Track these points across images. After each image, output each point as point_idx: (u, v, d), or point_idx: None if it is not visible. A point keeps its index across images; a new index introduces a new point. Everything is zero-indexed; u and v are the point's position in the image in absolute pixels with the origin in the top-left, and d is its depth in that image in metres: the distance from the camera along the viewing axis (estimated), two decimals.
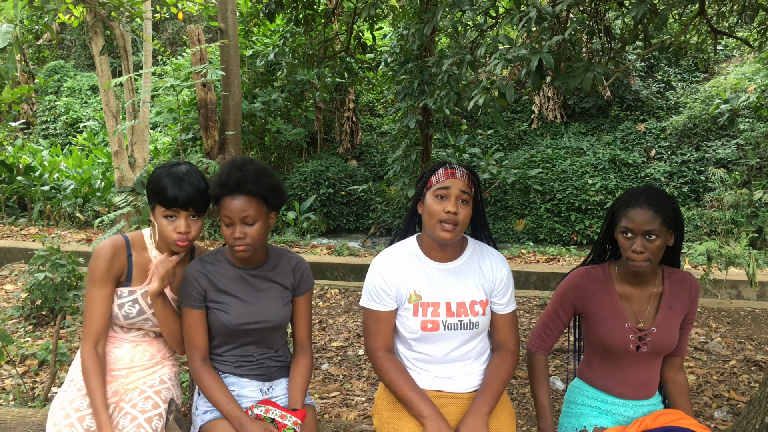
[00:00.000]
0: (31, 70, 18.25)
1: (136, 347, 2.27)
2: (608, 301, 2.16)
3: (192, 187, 2.12)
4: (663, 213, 2.01)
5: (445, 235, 2.04)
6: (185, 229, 2.14)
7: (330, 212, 12.47)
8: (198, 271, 2.17)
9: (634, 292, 2.17)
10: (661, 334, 2.12)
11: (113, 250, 2.16)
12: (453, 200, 2.04)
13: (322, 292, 6.41)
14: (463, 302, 2.15)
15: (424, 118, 7.48)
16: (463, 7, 3.60)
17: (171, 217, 2.14)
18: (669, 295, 2.16)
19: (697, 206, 10.56)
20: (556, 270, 6.84)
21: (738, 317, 5.39)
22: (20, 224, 10.14)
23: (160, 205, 2.13)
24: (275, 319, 2.22)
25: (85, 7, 8.49)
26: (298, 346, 2.35)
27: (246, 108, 11.98)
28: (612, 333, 2.13)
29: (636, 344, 2.12)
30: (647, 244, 2.01)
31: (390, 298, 2.16)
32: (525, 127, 13.40)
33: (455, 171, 2.09)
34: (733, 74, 12.36)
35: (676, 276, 2.19)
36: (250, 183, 2.07)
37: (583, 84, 2.85)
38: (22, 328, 5.16)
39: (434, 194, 2.07)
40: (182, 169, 2.15)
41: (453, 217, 2.03)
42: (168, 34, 19.54)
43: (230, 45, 7.84)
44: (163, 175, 2.13)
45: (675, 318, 2.15)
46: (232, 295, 2.18)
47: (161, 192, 2.11)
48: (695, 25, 4.97)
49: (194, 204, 2.13)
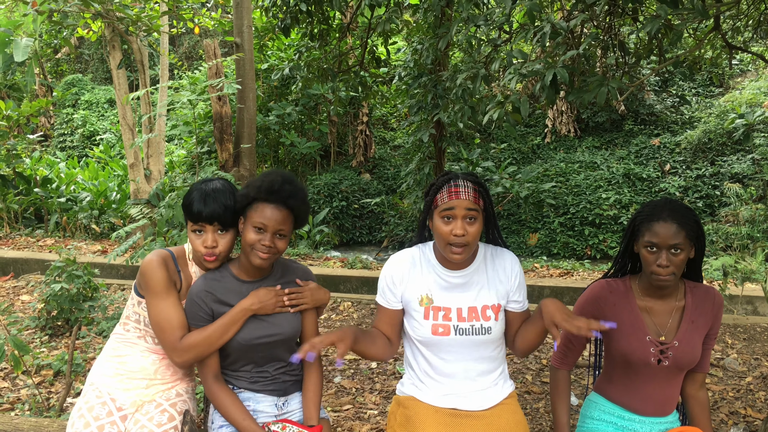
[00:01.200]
0: (49, 84, 18.50)
1: (162, 360, 2.29)
2: (629, 314, 2.15)
3: (217, 203, 2.15)
4: (687, 226, 2.00)
5: (455, 257, 2.04)
6: (211, 243, 2.16)
7: (343, 225, 12.49)
8: (203, 290, 2.16)
9: (655, 305, 2.15)
10: (683, 349, 2.10)
11: (163, 261, 2.18)
12: (459, 222, 2.02)
13: (334, 305, 6.41)
14: (475, 307, 2.14)
15: (438, 132, 7.50)
16: (477, 23, 3.62)
17: (199, 231, 2.18)
18: (692, 309, 2.14)
19: (713, 221, 10.48)
20: (570, 284, 6.80)
21: (754, 333, 5.33)
22: (37, 235, 10.24)
23: (189, 220, 2.18)
24: (287, 331, 2.22)
25: (103, 22, 8.63)
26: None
27: (260, 121, 12.07)
28: (633, 346, 2.12)
29: (657, 357, 2.10)
30: (672, 258, 2.00)
31: (395, 299, 2.18)
32: (538, 141, 13.38)
33: (459, 190, 2.04)
34: (748, 89, 12.30)
35: (698, 290, 2.18)
36: (299, 201, 2.14)
37: (597, 98, 2.85)
38: (37, 338, 5.21)
39: (440, 215, 2.05)
40: (212, 185, 2.19)
41: (461, 239, 2.01)
42: (184, 48, 19.77)
43: (245, 59, 7.92)
44: (194, 190, 2.19)
45: (698, 332, 2.13)
46: None
47: (189, 206, 2.17)
48: (710, 39, 4.97)
49: (219, 219, 2.15)
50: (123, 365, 2.26)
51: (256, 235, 2.09)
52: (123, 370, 2.25)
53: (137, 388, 2.25)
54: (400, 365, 4.64)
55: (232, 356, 2.20)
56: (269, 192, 2.09)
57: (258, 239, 2.09)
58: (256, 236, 2.09)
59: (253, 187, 2.13)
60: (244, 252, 2.15)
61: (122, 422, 2.18)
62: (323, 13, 5.79)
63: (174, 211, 4.82)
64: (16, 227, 10.97)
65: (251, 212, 2.11)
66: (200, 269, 2.27)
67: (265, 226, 2.09)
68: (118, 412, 2.20)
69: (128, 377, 2.25)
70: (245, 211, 2.14)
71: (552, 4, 5.52)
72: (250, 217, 2.11)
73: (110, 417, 2.17)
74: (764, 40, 4.92)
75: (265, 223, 2.08)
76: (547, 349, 5.06)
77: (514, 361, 4.78)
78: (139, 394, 2.25)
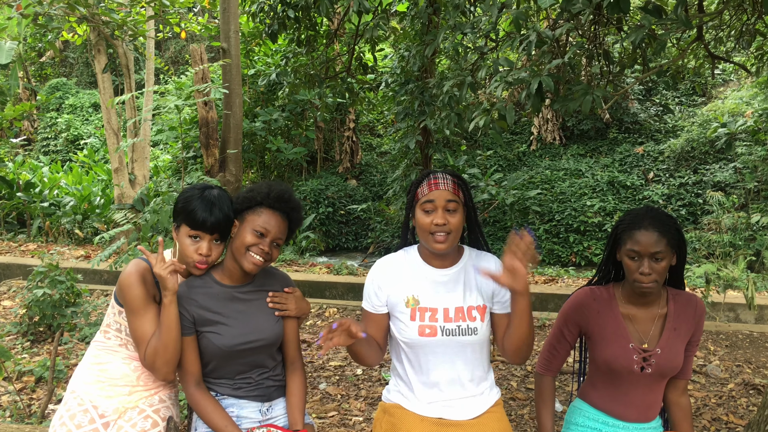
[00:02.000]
0: (33, 87, 18.35)
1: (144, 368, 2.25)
2: (612, 321, 2.16)
3: (222, 213, 2.14)
4: (668, 234, 2.02)
5: (438, 246, 2.06)
6: (207, 252, 2.15)
7: (329, 231, 12.48)
8: (187, 297, 2.15)
9: (638, 312, 2.17)
10: (665, 356, 2.12)
11: (141, 275, 2.14)
12: (440, 212, 2.06)
13: (320, 311, 6.40)
14: (461, 307, 2.14)
15: (424, 139, 7.52)
16: (464, 30, 3.64)
17: (195, 237, 2.15)
18: (674, 316, 2.16)
19: (695, 229, 10.58)
20: (555, 291, 6.84)
21: (736, 340, 5.39)
22: (19, 240, 10.14)
23: (186, 225, 2.15)
24: (269, 336, 2.21)
25: (89, 25, 8.58)
26: (290, 363, 2.34)
27: (247, 127, 12.04)
28: (616, 353, 2.13)
29: (640, 365, 2.12)
30: (654, 266, 2.01)
31: (380, 303, 2.18)
32: (524, 148, 13.46)
33: (438, 181, 2.10)
34: (730, 98, 12.46)
35: (681, 297, 2.19)
36: (299, 216, 2.20)
37: (582, 107, 2.88)
38: (19, 344, 5.15)
39: (421, 208, 2.09)
40: (214, 193, 2.17)
41: (442, 228, 2.05)
42: (170, 52, 19.69)
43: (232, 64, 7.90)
44: (196, 197, 2.15)
45: (680, 339, 2.15)
46: (224, 317, 2.16)
47: (191, 213, 2.13)
48: (693, 49, 5.03)
49: (220, 230, 2.15)
50: (104, 372, 2.23)
51: (255, 239, 2.10)
52: (104, 378, 2.22)
53: (119, 395, 2.22)
54: (386, 372, 4.63)
55: (213, 363, 2.18)
56: (278, 200, 2.13)
57: (257, 242, 2.10)
58: (255, 240, 2.10)
59: (259, 192, 2.14)
60: (235, 255, 2.13)
61: (105, 429, 2.16)
62: (310, 19, 5.79)
63: (159, 216, 4.79)
64: None
65: (253, 216, 2.12)
66: (181, 275, 2.24)
67: (267, 232, 2.10)
68: (101, 419, 2.17)
69: (110, 384, 2.22)
70: (243, 214, 2.15)
71: (538, 13, 5.56)
72: (252, 220, 2.12)
73: (92, 424, 2.15)
74: (746, 50, 4.99)
75: (268, 229, 2.11)
76: (532, 356, 5.08)
77: (499, 368, 4.79)
78: (121, 401, 2.23)
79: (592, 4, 2.72)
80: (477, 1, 4.12)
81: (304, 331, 5.79)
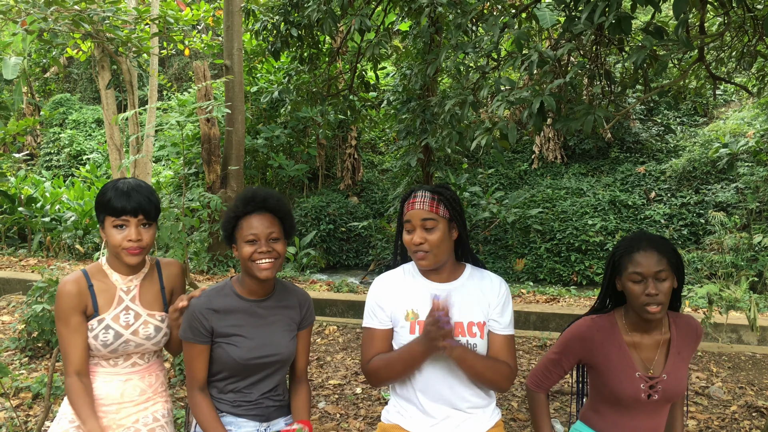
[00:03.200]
0: (37, 103, 18.44)
1: (126, 382, 2.24)
2: (617, 351, 2.13)
3: (140, 194, 2.15)
4: (667, 254, 2.02)
5: (421, 263, 2.13)
6: (136, 237, 2.14)
7: (330, 248, 12.45)
8: (206, 308, 2.15)
9: (642, 339, 2.14)
10: (671, 382, 2.10)
11: (72, 286, 2.15)
12: (417, 231, 2.10)
13: (320, 328, 6.36)
14: (461, 322, 2.13)
15: (426, 157, 7.53)
16: (465, 50, 3.66)
17: (121, 226, 2.14)
18: (677, 340, 2.14)
19: (697, 249, 10.55)
20: (556, 311, 6.80)
21: (739, 362, 5.34)
22: (20, 255, 10.13)
23: (109, 216, 2.13)
24: (284, 353, 2.22)
25: (93, 42, 8.64)
26: (297, 377, 2.36)
27: (249, 143, 12.08)
28: (623, 384, 2.10)
29: (647, 393, 2.09)
30: (659, 286, 1.99)
31: (385, 316, 2.17)
32: (525, 167, 13.47)
33: (415, 201, 2.13)
34: (732, 119, 12.49)
35: (681, 321, 2.18)
36: (276, 200, 2.18)
37: (583, 126, 2.88)
38: (17, 360, 5.12)
39: (405, 227, 2.16)
40: (129, 181, 2.19)
41: (419, 247, 2.10)
42: (174, 69, 19.80)
43: (235, 81, 7.94)
44: (110, 188, 2.16)
45: (684, 363, 2.13)
46: (242, 330, 2.16)
47: (109, 202, 2.12)
48: (694, 70, 5.05)
49: (144, 210, 2.15)
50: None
51: (251, 247, 2.11)
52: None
53: (108, 413, 2.20)
54: (385, 391, 4.59)
55: (224, 373, 2.19)
56: (246, 203, 2.14)
57: (253, 250, 2.10)
58: (251, 248, 2.11)
59: (234, 211, 2.16)
60: (247, 271, 2.16)
61: None
62: (313, 37, 5.83)
63: (160, 232, 4.79)
64: None
65: (239, 232, 2.14)
66: (122, 275, 2.24)
67: (256, 236, 2.11)
68: None
69: (99, 403, 2.19)
70: (233, 236, 2.17)
71: (540, 33, 5.59)
72: (240, 236, 2.13)
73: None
74: (747, 71, 5.00)
75: (255, 232, 2.11)
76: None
77: None
78: (111, 419, 2.21)
79: (594, 25, 2.73)
80: (479, 21, 4.14)
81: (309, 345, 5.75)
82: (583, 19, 2.77)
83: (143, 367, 2.28)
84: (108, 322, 2.17)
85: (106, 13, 7.99)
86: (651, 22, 2.79)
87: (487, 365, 2.09)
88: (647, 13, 11.24)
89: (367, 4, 5.71)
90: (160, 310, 2.28)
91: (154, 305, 2.26)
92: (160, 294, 2.30)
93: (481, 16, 3.99)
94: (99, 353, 2.18)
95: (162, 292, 2.31)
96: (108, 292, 2.21)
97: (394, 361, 2.10)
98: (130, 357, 2.24)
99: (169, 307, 2.29)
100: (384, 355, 2.14)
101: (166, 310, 2.29)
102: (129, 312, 2.20)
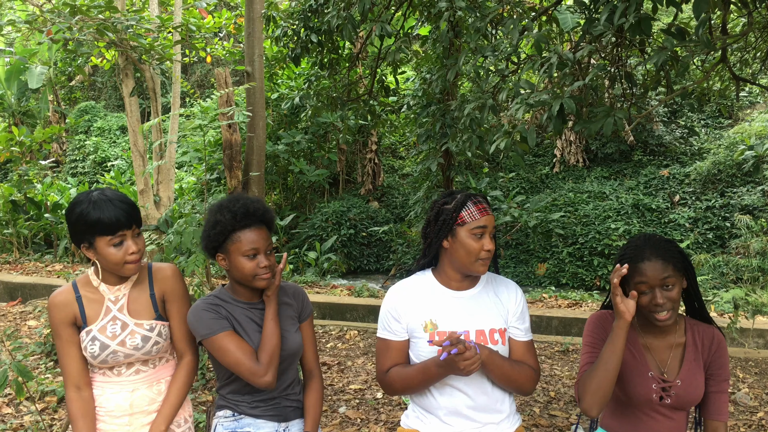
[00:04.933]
0: (62, 110, 18.74)
1: (133, 392, 2.20)
2: (630, 350, 2.11)
3: (124, 202, 2.10)
4: (672, 259, 1.97)
5: (483, 269, 2.10)
6: (137, 248, 2.12)
7: (351, 253, 12.47)
8: (209, 303, 2.16)
9: (655, 341, 2.12)
10: (686, 387, 2.06)
11: (60, 299, 2.15)
12: (488, 237, 2.07)
13: (341, 333, 6.37)
14: (483, 330, 2.11)
15: (446, 161, 7.52)
16: (485, 53, 3.65)
17: (120, 243, 2.09)
18: (692, 346, 2.10)
19: (723, 253, 10.39)
20: (579, 315, 6.74)
21: (766, 367, 5.25)
22: (46, 261, 10.28)
23: (104, 236, 2.06)
24: (292, 347, 2.21)
25: (117, 50, 8.76)
26: (307, 371, 2.37)
27: (270, 149, 12.15)
28: (635, 382, 2.08)
29: (659, 394, 2.06)
30: (667, 294, 1.97)
31: (401, 328, 2.15)
32: (547, 170, 13.38)
33: (486, 207, 2.11)
34: (757, 121, 12.29)
35: (699, 327, 2.13)
36: (271, 215, 2.17)
37: (603, 129, 2.85)
38: (43, 364, 5.20)
39: (471, 232, 2.06)
40: (99, 194, 2.09)
41: (489, 254, 2.08)
42: (196, 76, 20.01)
43: (256, 87, 8.00)
44: (88, 208, 2.05)
45: (700, 371, 2.09)
46: (245, 332, 2.16)
47: (99, 222, 2.04)
48: (717, 71, 4.98)
49: (135, 219, 2.12)
50: (100, 408, 2.20)
51: (251, 262, 2.09)
52: (102, 413, 2.19)
53: (121, 426, 2.20)
54: (406, 396, 4.58)
55: (234, 377, 2.18)
56: (246, 215, 2.10)
57: (256, 264, 2.09)
58: (252, 263, 2.09)
59: (224, 221, 2.10)
60: (245, 282, 2.14)
61: None
62: (333, 43, 5.85)
63: (182, 237, 4.83)
64: (26, 252, 11.03)
65: (235, 244, 2.09)
66: (109, 285, 2.20)
67: (257, 249, 2.10)
68: None
69: (109, 416, 2.19)
70: (224, 246, 2.12)
71: (560, 36, 5.56)
72: (237, 248, 2.09)
73: None
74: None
75: (257, 246, 2.09)
76: (555, 381, 4.99)
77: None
78: (125, 431, 2.21)
79: (614, 27, 2.71)
80: (498, 25, 4.13)
81: (324, 353, 5.76)
82: (602, 20, 2.75)
83: (148, 374, 2.24)
84: (95, 333, 2.13)
85: (130, 21, 8.11)
86: (673, 23, 2.76)
87: (513, 367, 2.09)
88: (669, 15, 11.13)
89: (387, 10, 5.72)
90: (150, 318, 2.20)
91: (142, 314, 2.20)
92: (150, 301, 2.23)
93: (500, 20, 3.97)
94: (94, 364, 2.17)
95: (152, 299, 2.23)
96: (96, 303, 2.18)
97: (411, 377, 2.08)
98: (132, 365, 2.21)
99: (160, 313, 2.23)
100: (401, 370, 2.12)
101: (158, 316, 2.22)
102: (116, 322, 2.16)
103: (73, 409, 2.13)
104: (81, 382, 2.15)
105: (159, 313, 2.23)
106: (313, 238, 12.20)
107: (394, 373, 2.13)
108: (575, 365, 5.40)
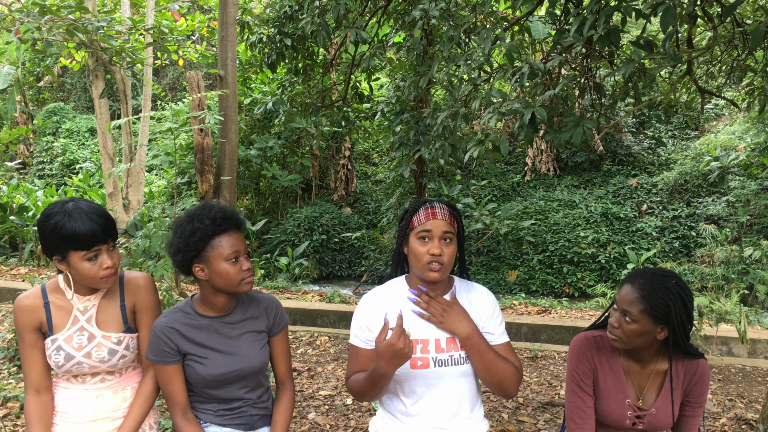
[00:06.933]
0: (30, 111, 18.41)
1: (97, 399, 2.16)
2: (612, 374, 2.14)
3: (100, 216, 2.01)
4: (649, 303, 1.97)
5: (433, 275, 2.05)
6: (112, 263, 2.05)
7: (323, 259, 12.44)
8: (167, 326, 2.09)
9: (633, 366, 2.15)
10: (659, 416, 2.10)
11: (28, 302, 2.09)
12: (436, 242, 2.04)
13: (311, 339, 6.35)
14: (453, 337, 2.11)
15: (419, 168, 7.55)
16: (458, 62, 3.68)
17: (94, 257, 2.02)
18: (675, 375, 2.10)
19: (688, 261, 10.60)
20: (548, 322, 6.81)
21: (729, 374, 5.36)
22: (10, 264, 10.08)
23: (78, 251, 1.99)
24: (255, 365, 2.17)
25: (87, 51, 8.64)
26: (279, 383, 2.32)
27: (242, 154, 12.08)
28: (612, 407, 2.11)
29: (633, 421, 2.10)
30: (622, 322, 2.01)
31: (372, 337, 2.13)
32: (518, 178, 13.53)
33: (436, 211, 2.08)
34: (723, 133, 12.58)
35: (685, 361, 2.12)
36: (241, 216, 2.15)
37: (573, 138, 2.90)
38: (6, 369, 5.09)
39: (417, 236, 2.07)
40: (73, 205, 2.01)
41: (438, 258, 2.03)
42: (168, 79, 19.82)
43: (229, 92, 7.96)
44: (63, 220, 1.97)
45: (678, 398, 2.12)
46: (208, 347, 2.11)
47: (74, 236, 1.96)
48: (684, 84, 5.09)
49: (111, 233, 2.05)
50: (62, 414, 2.15)
51: (234, 267, 2.06)
52: (65, 418, 2.15)
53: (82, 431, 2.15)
54: (376, 402, 4.58)
55: (196, 390, 2.15)
56: (225, 220, 2.07)
57: (239, 268, 2.07)
58: (235, 267, 2.06)
59: (203, 226, 2.05)
60: (226, 290, 2.10)
61: None
62: (307, 48, 5.86)
63: (151, 241, 4.78)
64: None
65: (216, 250, 2.05)
66: (79, 294, 2.13)
67: (238, 252, 2.07)
68: None
69: (72, 422, 2.14)
70: (202, 254, 2.07)
71: (532, 46, 5.64)
72: (219, 254, 2.05)
73: None
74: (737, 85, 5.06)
75: (237, 249, 2.07)
76: (524, 387, 5.04)
77: (490, 399, 4.75)
78: None
79: (584, 38, 2.76)
80: (471, 34, 4.17)
81: (294, 359, 5.74)
82: (572, 32, 2.80)
83: (114, 381, 2.19)
84: (60, 342, 2.07)
85: (101, 22, 8.01)
86: (641, 35, 2.83)
87: (498, 359, 2.07)
88: (638, 27, 11.34)
89: (362, 17, 5.75)
90: (118, 330, 2.14)
91: (110, 326, 2.14)
92: (120, 313, 2.16)
93: (473, 29, 4.02)
94: (58, 371, 2.12)
95: (122, 311, 2.17)
96: (64, 311, 2.11)
97: (361, 380, 2.07)
98: (97, 374, 2.16)
99: (129, 325, 2.17)
100: (356, 376, 2.12)
101: (127, 328, 2.16)
102: (83, 333, 2.10)
103: (29, 413, 2.08)
104: (41, 386, 2.10)
105: (128, 325, 2.17)
106: (285, 243, 12.14)
107: (352, 380, 2.14)
108: (544, 371, 5.45)
